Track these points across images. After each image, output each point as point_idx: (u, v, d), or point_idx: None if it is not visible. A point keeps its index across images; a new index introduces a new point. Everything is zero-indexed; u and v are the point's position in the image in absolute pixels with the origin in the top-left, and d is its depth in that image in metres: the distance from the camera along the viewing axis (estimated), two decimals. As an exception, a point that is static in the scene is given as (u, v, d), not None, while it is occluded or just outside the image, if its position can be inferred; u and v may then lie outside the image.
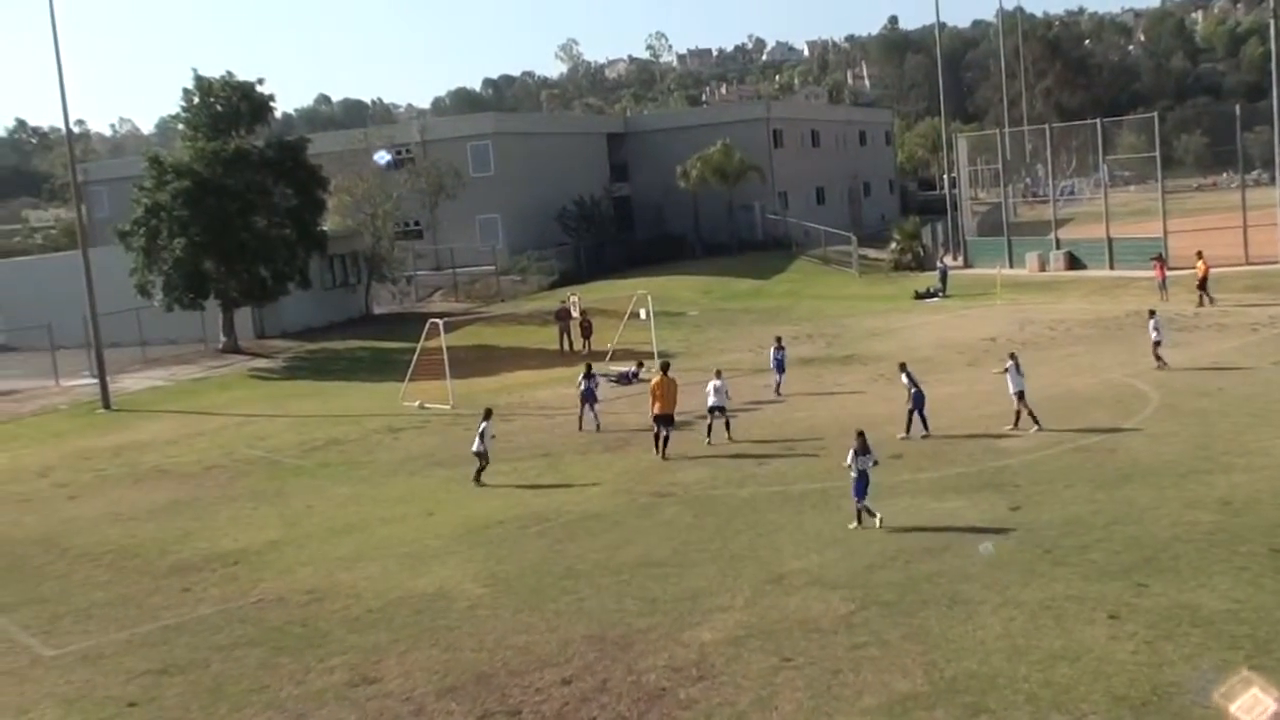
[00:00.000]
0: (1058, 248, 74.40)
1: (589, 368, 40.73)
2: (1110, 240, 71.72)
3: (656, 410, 34.17)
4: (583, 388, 39.09)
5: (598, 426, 38.35)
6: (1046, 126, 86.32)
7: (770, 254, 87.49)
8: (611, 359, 49.87)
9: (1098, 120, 78.12)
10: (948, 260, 76.18)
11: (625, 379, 47.45)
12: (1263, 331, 47.42)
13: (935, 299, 66.77)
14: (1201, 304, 54.91)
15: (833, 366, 46.49)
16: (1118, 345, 45.59)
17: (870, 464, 25.27)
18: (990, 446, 31.53)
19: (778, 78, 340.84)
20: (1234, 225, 68.00)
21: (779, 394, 41.39)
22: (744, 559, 23.54)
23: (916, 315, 60.99)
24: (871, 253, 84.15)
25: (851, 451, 25.37)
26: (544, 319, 63.18)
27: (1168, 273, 59.35)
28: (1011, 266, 74.59)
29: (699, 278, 78.31)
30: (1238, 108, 75.64)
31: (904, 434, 33.08)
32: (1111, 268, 70.02)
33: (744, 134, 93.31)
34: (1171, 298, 56.85)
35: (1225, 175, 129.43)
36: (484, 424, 32.34)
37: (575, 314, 57.46)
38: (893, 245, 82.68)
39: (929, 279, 71.67)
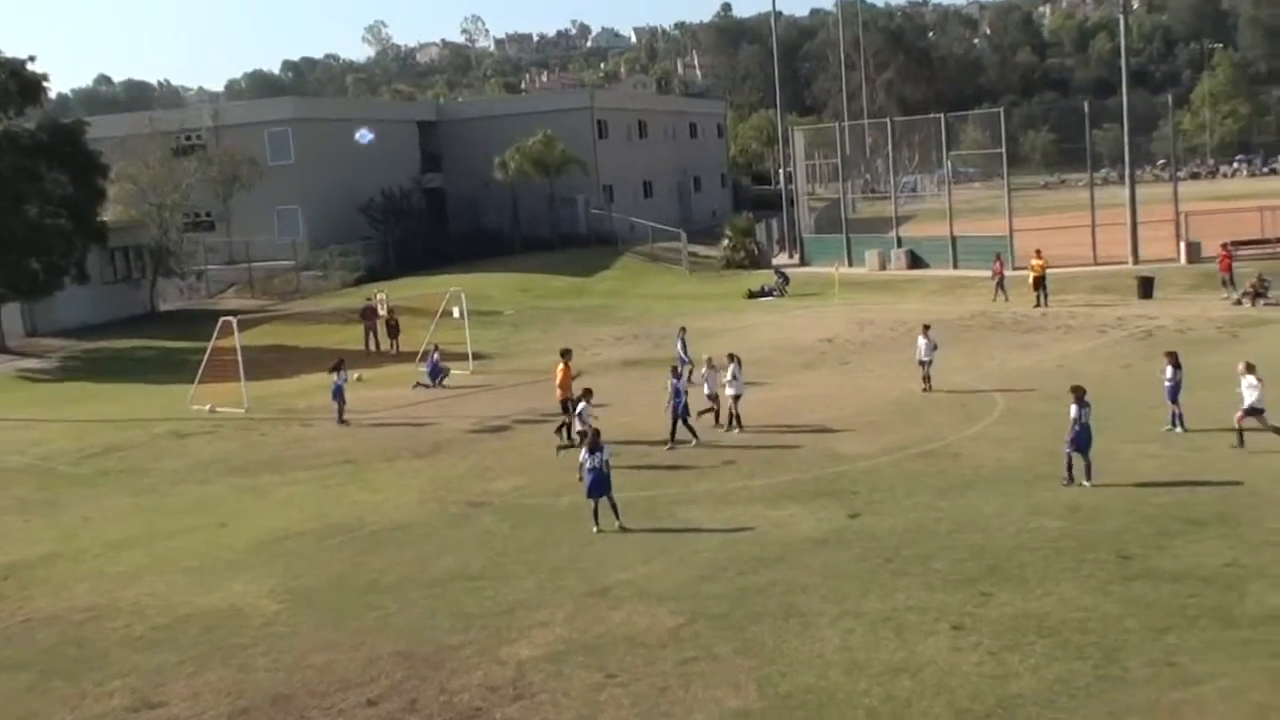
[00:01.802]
0: (899, 246, 75.74)
1: (340, 362, 42.20)
2: (954, 239, 73.10)
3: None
4: (333, 383, 41.02)
5: (340, 421, 40.32)
6: (888, 120, 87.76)
7: (594, 250, 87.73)
8: (421, 359, 49.44)
9: (941, 114, 79.69)
10: (784, 258, 77.06)
11: (433, 374, 47.08)
12: (1111, 334, 48.84)
13: (770, 298, 67.56)
14: (1038, 304, 56.51)
15: (659, 369, 46.50)
16: (961, 347, 46.49)
17: (602, 461, 25.76)
18: (828, 452, 31.94)
19: (603, 65, 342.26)
20: (1082, 225, 69.89)
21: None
22: (565, 571, 23.49)
23: (750, 315, 61.60)
24: (702, 250, 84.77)
25: (584, 450, 26.04)
26: (348, 317, 62.50)
27: (1007, 272, 60.92)
28: (850, 265, 75.70)
29: (517, 275, 78.20)
30: (1086, 104, 77.66)
31: (671, 444, 33.49)
32: (955, 267, 71.48)
33: (566, 124, 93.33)
34: (1012, 298, 58.36)
35: (1074, 176, 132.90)
36: (581, 406, 32.28)
37: (382, 312, 56.97)
38: (725, 242, 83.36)
39: (763, 277, 72.45)
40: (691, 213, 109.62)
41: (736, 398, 34.95)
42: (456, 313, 51.86)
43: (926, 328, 40.45)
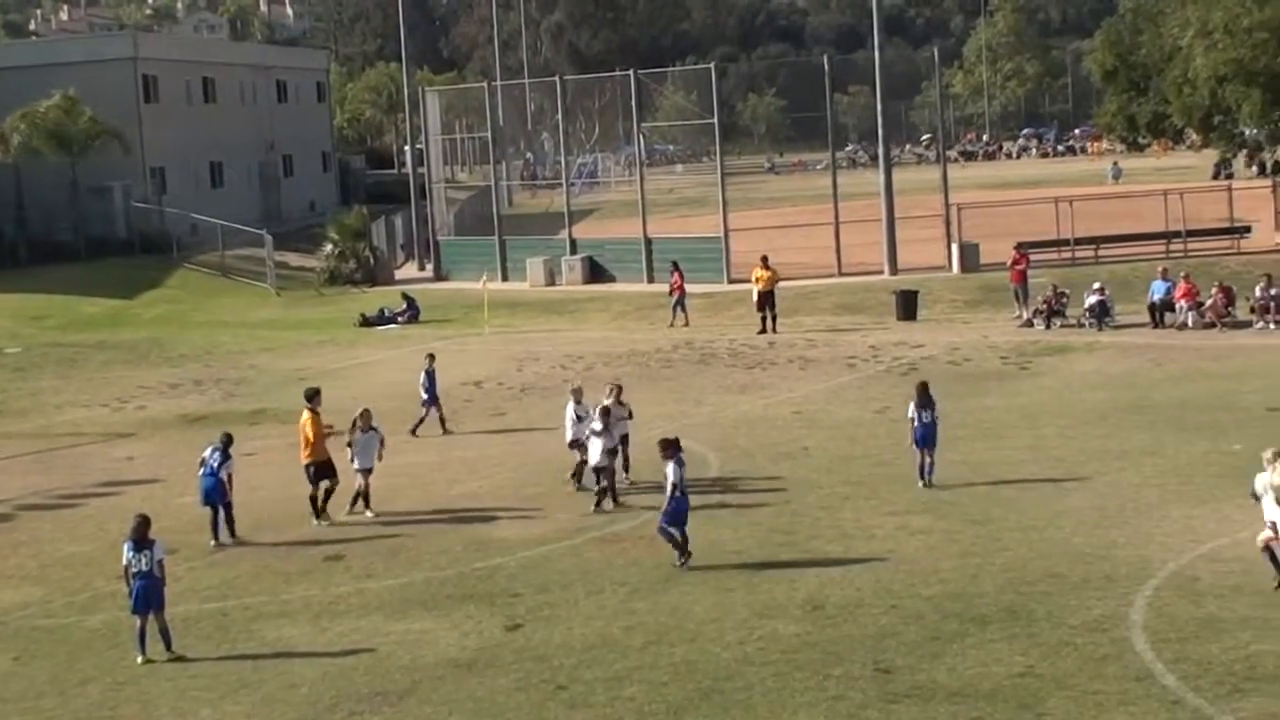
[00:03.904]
0: (573, 252, 76.58)
1: None
2: (648, 242, 74.09)
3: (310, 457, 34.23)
4: None
5: None
6: (557, 79, 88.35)
7: (138, 261, 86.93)
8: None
9: (631, 72, 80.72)
10: (412, 269, 77.09)
11: None
12: (862, 368, 50.04)
13: (393, 326, 67.30)
14: (764, 329, 57.68)
15: (234, 426, 45.81)
16: (661, 389, 47.03)
17: (153, 562, 25.09)
18: (475, 538, 31.82)
19: (150, 0, 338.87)
20: (823, 222, 71.55)
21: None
22: (95, 721, 22.92)
23: (364, 350, 61.25)
24: (296, 259, 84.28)
25: (128, 545, 25.25)
26: None
27: (689, 287, 61.82)
28: (506, 279, 76.07)
29: (23, 296, 77.07)
30: (826, 60, 79.55)
31: (215, 540, 32.57)
32: (650, 280, 72.26)
33: (98, 81, 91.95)
34: (726, 320, 59.28)
35: (811, 157, 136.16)
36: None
37: None
38: (328, 248, 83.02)
39: (383, 297, 72.23)
40: (280, 207, 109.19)
41: (366, 471, 34.60)
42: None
43: (578, 392, 36.25)
